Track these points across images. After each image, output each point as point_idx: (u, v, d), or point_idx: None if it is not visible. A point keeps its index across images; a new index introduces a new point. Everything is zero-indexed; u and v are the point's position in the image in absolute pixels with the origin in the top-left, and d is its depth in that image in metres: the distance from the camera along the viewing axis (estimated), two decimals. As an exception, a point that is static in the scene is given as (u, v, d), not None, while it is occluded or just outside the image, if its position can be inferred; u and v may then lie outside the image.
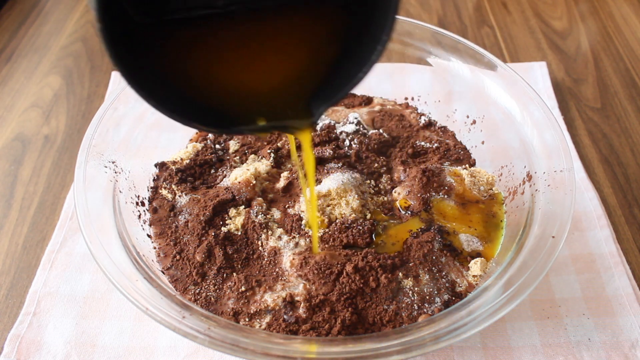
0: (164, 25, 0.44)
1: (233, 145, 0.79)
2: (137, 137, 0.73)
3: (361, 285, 0.59)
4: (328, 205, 0.68)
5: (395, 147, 0.79)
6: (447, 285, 0.61)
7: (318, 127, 0.78)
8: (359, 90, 0.91)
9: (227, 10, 0.45)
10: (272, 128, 0.50)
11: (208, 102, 0.47)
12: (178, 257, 0.65)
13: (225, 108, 0.48)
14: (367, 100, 0.88)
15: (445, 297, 0.60)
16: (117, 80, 1.03)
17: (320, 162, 0.73)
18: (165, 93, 0.44)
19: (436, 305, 0.59)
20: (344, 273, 0.59)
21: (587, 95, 1.02)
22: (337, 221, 0.66)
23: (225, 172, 0.75)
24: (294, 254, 0.62)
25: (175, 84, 0.46)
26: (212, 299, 0.60)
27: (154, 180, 0.75)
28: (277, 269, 0.62)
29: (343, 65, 0.46)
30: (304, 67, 0.47)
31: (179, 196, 0.71)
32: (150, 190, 0.74)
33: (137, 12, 0.42)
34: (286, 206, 0.70)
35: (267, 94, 0.48)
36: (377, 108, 0.86)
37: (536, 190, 0.65)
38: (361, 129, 0.79)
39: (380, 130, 0.81)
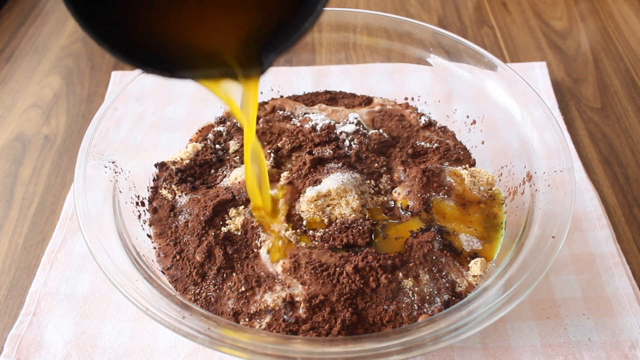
0: None
1: (233, 145, 0.79)
2: (137, 137, 0.73)
3: (361, 286, 0.59)
4: (328, 205, 0.68)
5: (395, 147, 0.79)
6: (447, 285, 0.61)
7: (318, 127, 0.78)
8: (359, 90, 0.91)
9: None
10: (222, 74, 0.51)
11: (156, 47, 0.48)
12: (178, 257, 0.65)
13: (174, 54, 0.49)
14: (367, 100, 0.88)
15: (445, 297, 0.60)
16: (117, 80, 1.03)
17: (320, 162, 0.73)
18: (113, 32, 0.45)
19: (436, 305, 0.59)
20: (344, 273, 0.59)
21: (587, 95, 1.02)
22: (337, 221, 0.66)
23: (225, 172, 0.75)
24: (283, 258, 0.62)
25: (124, 26, 0.46)
26: (212, 299, 0.60)
27: (154, 180, 0.75)
28: (272, 270, 0.62)
29: (292, 17, 0.48)
30: (254, 17, 0.49)
31: (179, 196, 0.71)
32: (150, 190, 0.74)
33: None
34: (286, 206, 0.70)
35: (219, 43, 0.49)
36: (377, 108, 0.86)
37: (536, 190, 0.65)
38: (361, 129, 0.79)
39: (380, 130, 0.81)
